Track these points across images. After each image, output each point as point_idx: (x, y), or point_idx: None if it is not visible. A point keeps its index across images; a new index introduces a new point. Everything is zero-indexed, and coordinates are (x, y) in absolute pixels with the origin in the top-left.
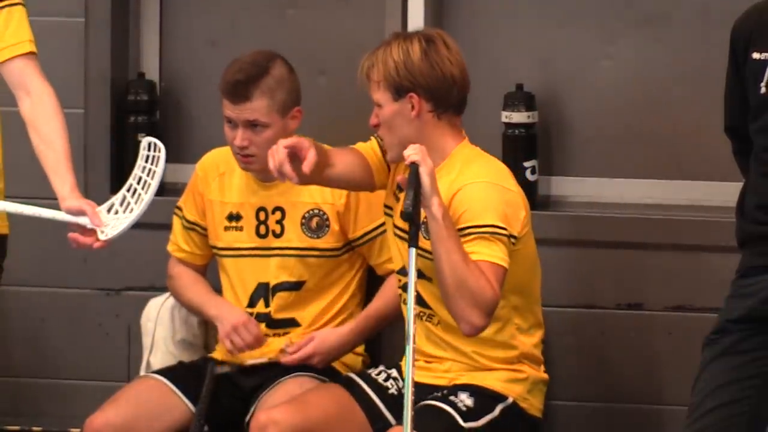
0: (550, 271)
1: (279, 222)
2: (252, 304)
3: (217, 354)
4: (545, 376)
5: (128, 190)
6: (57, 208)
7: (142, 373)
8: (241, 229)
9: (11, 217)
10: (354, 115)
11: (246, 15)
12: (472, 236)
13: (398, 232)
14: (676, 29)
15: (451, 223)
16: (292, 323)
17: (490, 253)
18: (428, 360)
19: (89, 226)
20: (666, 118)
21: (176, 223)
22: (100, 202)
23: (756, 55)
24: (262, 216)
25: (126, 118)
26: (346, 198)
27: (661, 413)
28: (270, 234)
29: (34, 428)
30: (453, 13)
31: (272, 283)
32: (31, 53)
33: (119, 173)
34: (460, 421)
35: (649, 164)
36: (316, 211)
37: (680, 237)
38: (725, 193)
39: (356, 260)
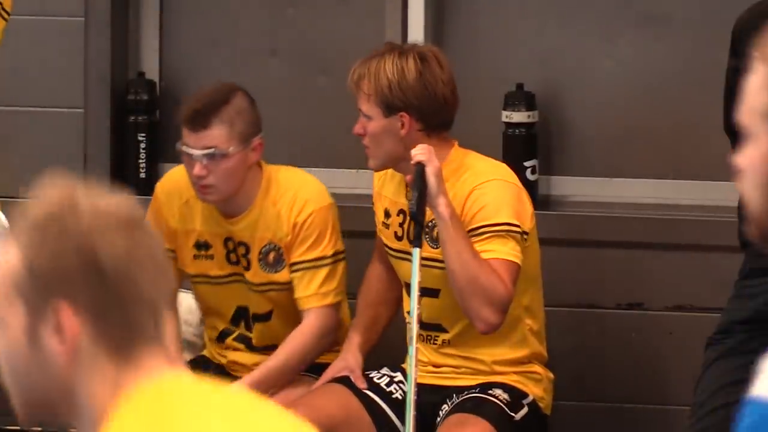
0: (550, 271)
1: (245, 256)
2: (235, 323)
3: (207, 353)
4: (551, 375)
5: None
6: None
7: None
8: (212, 257)
9: (11, 217)
10: (354, 115)
11: (246, 15)
12: (487, 235)
13: (391, 252)
14: (677, 29)
15: (459, 223)
16: (273, 348)
17: (503, 250)
18: (437, 365)
19: None
20: (666, 118)
21: None
22: None
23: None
24: (230, 245)
25: (126, 117)
26: (292, 231)
27: (662, 413)
28: (240, 264)
29: (34, 428)
30: (453, 12)
31: (250, 310)
32: None
33: (119, 173)
34: (509, 411)
35: (649, 164)
36: (273, 246)
37: (680, 237)
38: (725, 192)
39: None
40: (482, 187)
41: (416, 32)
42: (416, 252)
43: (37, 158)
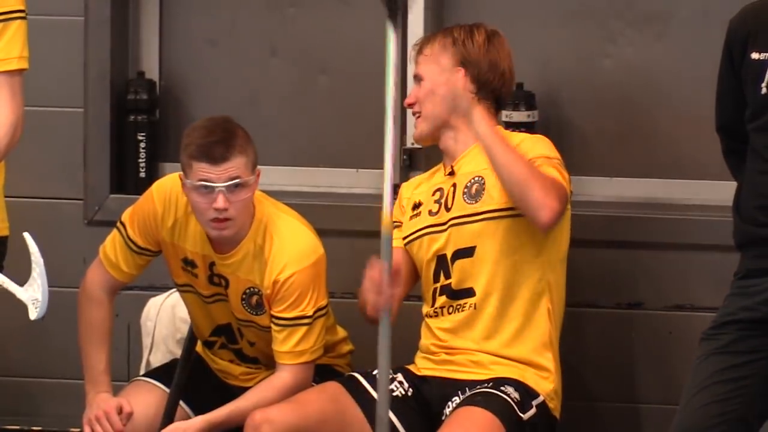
0: None
1: (225, 288)
2: (217, 334)
3: (201, 352)
4: (559, 379)
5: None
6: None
7: (142, 372)
8: (197, 276)
9: (12, 217)
10: (354, 115)
11: (246, 14)
12: (539, 162)
13: (419, 233)
14: (677, 29)
15: (501, 133)
16: (257, 361)
17: (555, 173)
18: (450, 352)
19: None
20: (666, 118)
21: (118, 240)
22: (100, 202)
23: (755, 56)
24: (214, 270)
25: (126, 117)
26: (272, 287)
27: (661, 413)
28: (221, 285)
29: (34, 428)
30: (453, 13)
31: (234, 326)
32: (15, 71)
33: (119, 173)
34: (518, 410)
35: (649, 163)
36: (255, 290)
37: (680, 237)
38: (725, 192)
39: None
40: (530, 139)
41: (416, 32)
42: (385, 239)
43: (37, 158)
